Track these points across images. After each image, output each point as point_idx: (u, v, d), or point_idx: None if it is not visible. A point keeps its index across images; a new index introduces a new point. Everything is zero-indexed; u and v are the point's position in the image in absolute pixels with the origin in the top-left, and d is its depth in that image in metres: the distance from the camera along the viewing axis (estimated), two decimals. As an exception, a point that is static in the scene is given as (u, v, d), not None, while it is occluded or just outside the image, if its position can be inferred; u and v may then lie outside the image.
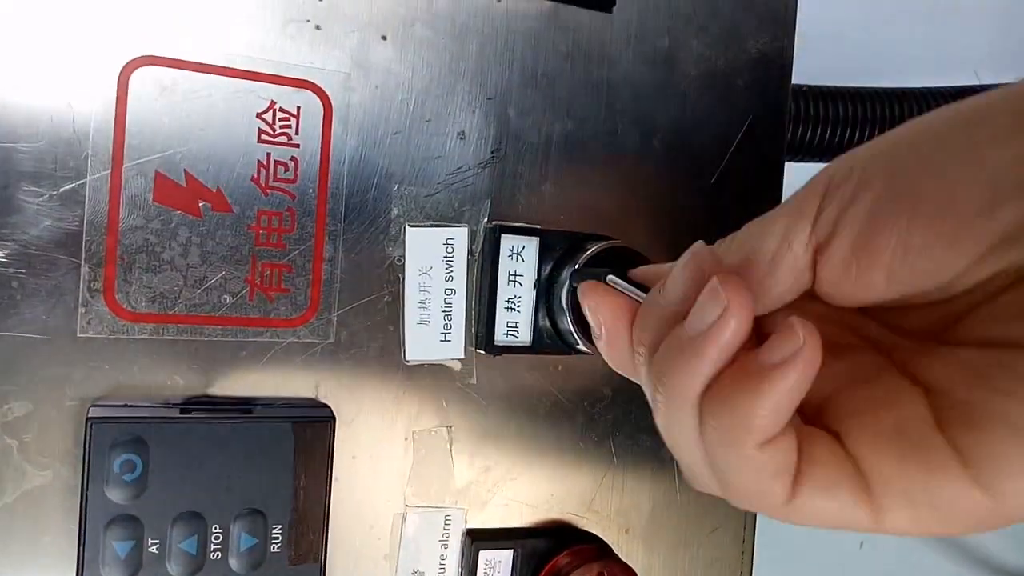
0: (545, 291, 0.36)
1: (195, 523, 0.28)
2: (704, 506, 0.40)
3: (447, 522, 0.34)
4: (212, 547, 0.28)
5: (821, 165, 0.51)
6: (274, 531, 0.29)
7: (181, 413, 0.28)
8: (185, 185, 0.31)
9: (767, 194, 0.42)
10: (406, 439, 0.34)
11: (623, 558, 0.36)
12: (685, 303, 0.20)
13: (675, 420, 0.21)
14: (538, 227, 0.36)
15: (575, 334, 0.34)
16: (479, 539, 0.34)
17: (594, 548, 0.34)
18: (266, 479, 0.29)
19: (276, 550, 0.29)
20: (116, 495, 0.27)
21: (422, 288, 0.34)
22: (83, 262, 0.29)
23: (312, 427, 0.30)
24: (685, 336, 0.20)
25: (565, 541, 0.35)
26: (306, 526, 0.29)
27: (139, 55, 0.30)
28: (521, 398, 0.36)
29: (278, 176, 0.32)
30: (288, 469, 0.29)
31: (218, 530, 0.28)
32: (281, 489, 0.29)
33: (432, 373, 0.34)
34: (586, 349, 0.35)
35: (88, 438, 0.27)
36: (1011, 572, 0.81)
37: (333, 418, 0.31)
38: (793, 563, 0.67)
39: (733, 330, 0.19)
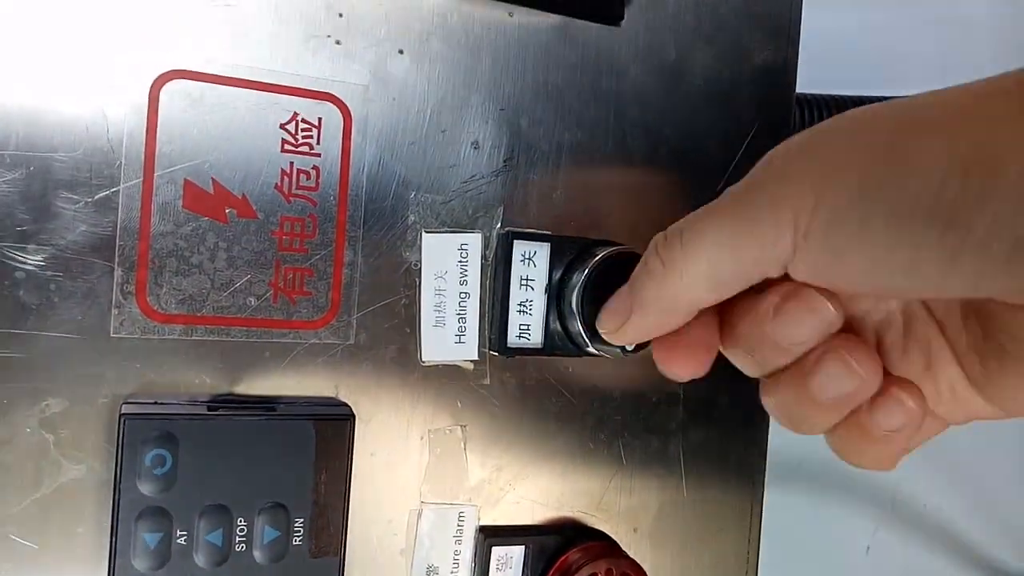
0: (556, 295, 0.37)
1: (221, 516, 0.29)
2: (711, 506, 0.41)
3: (461, 519, 0.35)
4: (237, 539, 0.29)
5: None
6: (296, 524, 0.30)
7: (208, 410, 0.30)
8: (212, 192, 0.32)
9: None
10: (422, 438, 0.35)
11: (632, 556, 0.37)
12: (804, 348, 0.23)
13: (803, 425, 0.25)
14: (549, 233, 0.37)
15: (585, 337, 0.35)
16: (491, 535, 0.35)
17: (603, 545, 0.35)
18: (289, 474, 0.30)
19: (298, 543, 0.30)
20: (147, 488, 0.28)
21: (437, 292, 0.35)
22: (116, 266, 0.31)
23: (333, 425, 0.31)
24: (818, 399, 0.23)
25: (575, 538, 0.36)
26: (326, 520, 0.30)
27: (169, 69, 0.32)
28: (533, 399, 0.37)
29: (301, 184, 0.34)
30: (309, 465, 0.30)
31: (243, 523, 0.29)
32: (303, 484, 0.30)
33: (447, 374, 0.35)
34: (596, 352, 0.36)
35: (121, 434, 0.28)
36: (1012, 575, 0.81)
37: (353, 416, 0.32)
38: (798, 566, 0.68)
39: (865, 394, 0.23)
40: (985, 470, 0.82)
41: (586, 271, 0.36)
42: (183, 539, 0.28)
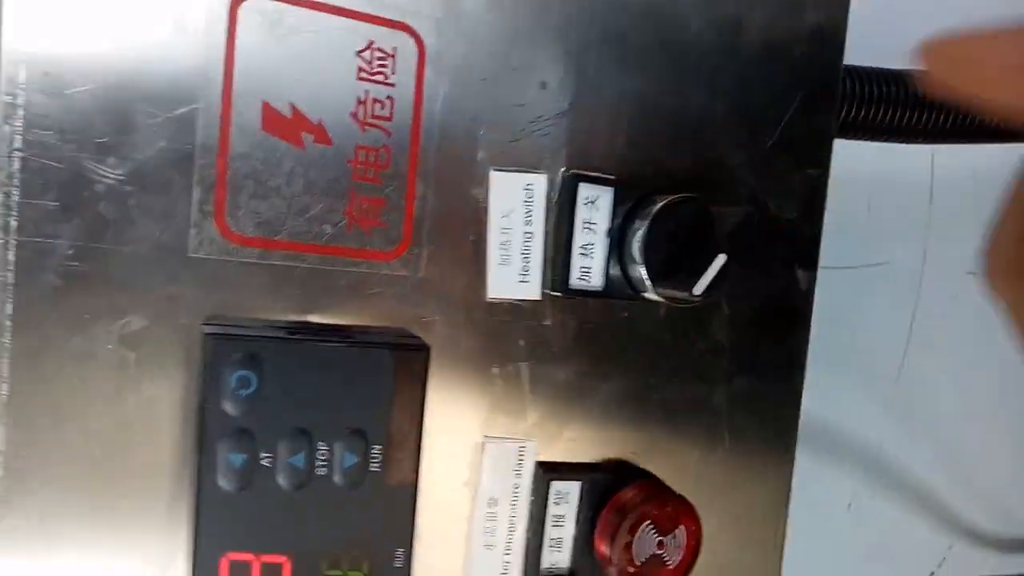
0: (618, 239, 0.37)
1: (304, 439, 0.29)
2: (750, 454, 0.42)
3: (520, 453, 0.35)
4: (319, 463, 0.29)
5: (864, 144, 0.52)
6: (373, 451, 0.30)
7: (290, 335, 0.30)
8: (290, 117, 0.32)
9: (817, 162, 0.44)
10: (485, 373, 0.35)
11: (676, 496, 0.38)
12: None
13: None
14: (612, 177, 0.37)
15: (647, 282, 0.36)
16: (550, 471, 0.36)
17: (655, 484, 0.36)
18: (367, 402, 0.30)
19: (375, 469, 0.30)
20: (232, 409, 0.28)
21: (503, 230, 0.35)
22: (195, 184, 0.30)
23: (411, 355, 0.31)
24: None
25: (626, 477, 0.37)
26: (402, 448, 0.31)
27: (247, -14, 0.31)
28: (590, 341, 0.37)
29: (375, 113, 0.33)
30: (387, 394, 0.30)
31: (324, 447, 0.29)
32: (381, 412, 0.30)
33: (510, 312, 0.36)
34: (654, 297, 0.36)
35: (207, 353, 0.28)
36: (989, 539, 0.85)
37: (428, 348, 0.32)
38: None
39: None
40: (967, 438, 0.85)
41: (650, 217, 0.36)
42: (266, 461, 0.28)
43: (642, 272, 0.36)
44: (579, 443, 0.37)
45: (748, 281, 0.42)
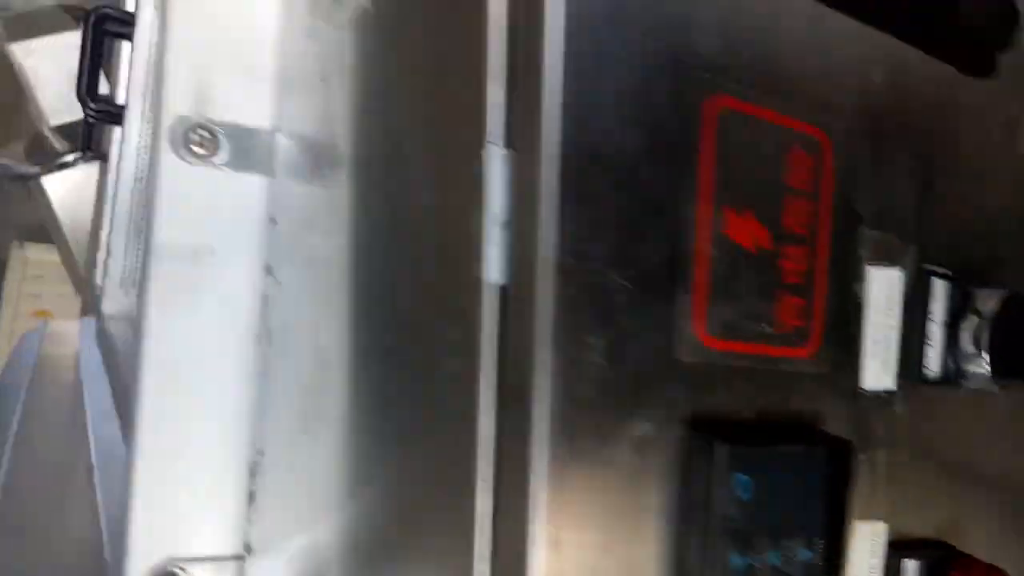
0: (952, 330, 0.40)
1: (776, 539, 0.31)
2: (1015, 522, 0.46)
3: (876, 534, 0.38)
4: (786, 561, 0.31)
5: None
6: (818, 547, 0.32)
7: (756, 438, 0.31)
8: (745, 220, 0.33)
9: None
10: (856, 460, 0.37)
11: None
12: None
13: None
14: (951, 273, 0.40)
15: (988, 376, 0.39)
16: (899, 549, 0.38)
17: (987, 565, 0.40)
18: (813, 500, 0.32)
19: (819, 563, 0.32)
20: (734, 512, 0.29)
21: (875, 324, 0.38)
22: (682, 288, 0.31)
23: (846, 454, 0.33)
24: None
25: (949, 555, 0.40)
26: (835, 543, 0.33)
27: (717, 91, 0.32)
28: (925, 425, 0.40)
29: (797, 215, 0.34)
30: (830, 491, 0.32)
31: (788, 545, 0.31)
32: (822, 508, 0.32)
33: (874, 401, 0.38)
34: (990, 388, 0.39)
35: (718, 462, 0.29)
36: None
37: (853, 444, 0.34)
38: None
39: None
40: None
41: (987, 314, 0.39)
42: (756, 562, 0.30)
43: (985, 366, 0.39)
44: (911, 522, 0.40)
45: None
